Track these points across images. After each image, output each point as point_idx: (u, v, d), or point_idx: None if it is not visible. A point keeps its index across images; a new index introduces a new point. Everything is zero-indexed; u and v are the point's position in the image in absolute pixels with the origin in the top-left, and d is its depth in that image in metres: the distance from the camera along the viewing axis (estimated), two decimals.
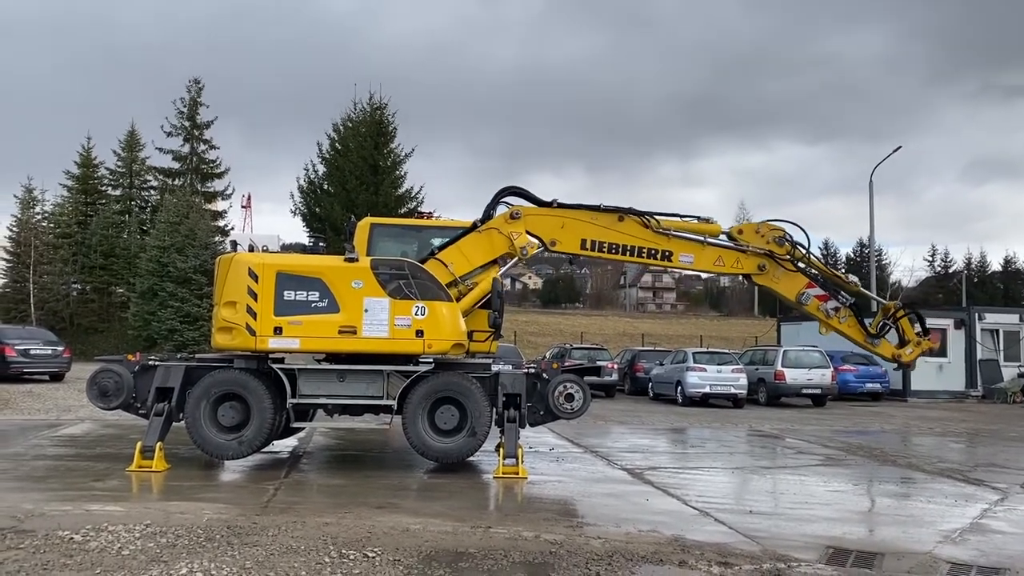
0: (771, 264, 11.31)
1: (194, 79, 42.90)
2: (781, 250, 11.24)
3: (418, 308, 9.81)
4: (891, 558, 6.55)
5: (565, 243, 11.04)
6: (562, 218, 11.03)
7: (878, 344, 11.63)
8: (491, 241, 10.85)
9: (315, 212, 37.81)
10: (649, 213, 11.13)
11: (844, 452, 13.28)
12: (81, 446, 11.88)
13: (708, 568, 6.08)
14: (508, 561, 6.10)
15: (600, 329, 54.21)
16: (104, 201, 43.58)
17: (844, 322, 11.48)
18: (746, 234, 11.34)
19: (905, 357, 11.75)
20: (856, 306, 11.62)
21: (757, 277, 11.43)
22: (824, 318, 11.45)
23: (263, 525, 6.97)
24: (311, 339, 9.79)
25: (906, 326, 11.76)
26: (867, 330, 11.57)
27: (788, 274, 11.40)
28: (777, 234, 11.32)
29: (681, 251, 11.20)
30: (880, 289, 49.64)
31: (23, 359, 22.65)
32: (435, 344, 9.84)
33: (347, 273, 9.88)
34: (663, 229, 11.09)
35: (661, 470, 10.94)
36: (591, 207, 11.08)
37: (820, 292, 11.43)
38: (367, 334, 9.78)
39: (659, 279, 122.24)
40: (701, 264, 11.37)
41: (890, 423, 18.96)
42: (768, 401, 23.78)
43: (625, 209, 11.10)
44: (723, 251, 11.36)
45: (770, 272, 11.35)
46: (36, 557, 5.87)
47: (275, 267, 9.87)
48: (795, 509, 8.75)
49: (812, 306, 11.39)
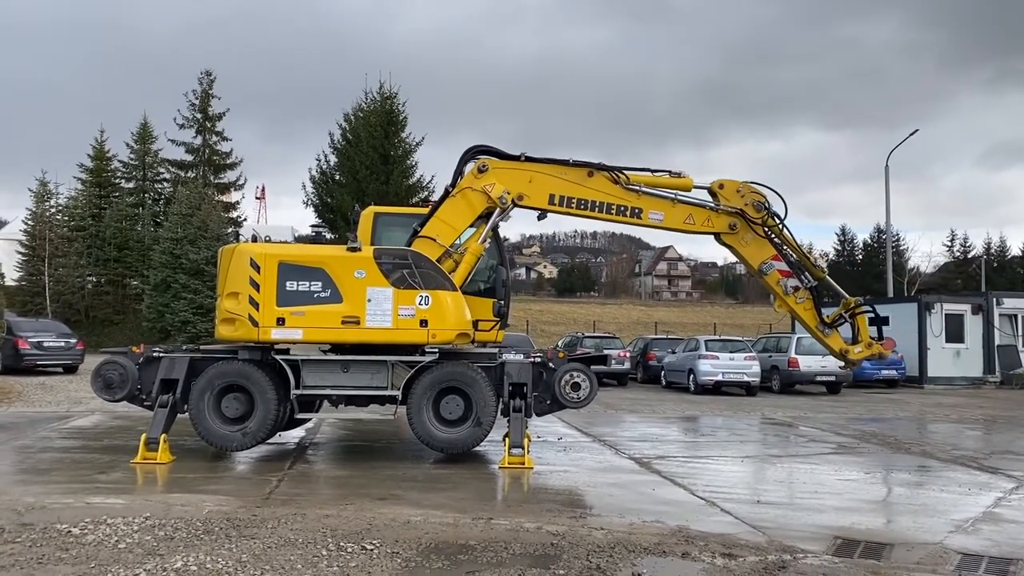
0: (742, 225, 11.05)
1: (205, 71, 42.92)
2: (756, 214, 11.00)
3: (422, 298, 9.71)
4: (900, 549, 6.41)
5: (533, 198, 10.83)
6: (530, 172, 10.85)
7: (829, 334, 11.37)
8: (468, 201, 10.68)
9: (327, 203, 37.79)
10: (619, 168, 10.91)
11: (857, 440, 13.10)
12: (88, 438, 11.90)
13: (712, 559, 5.96)
14: (508, 553, 6.01)
15: (614, 318, 53.99)
16: (118, 194, 43.78)
17: (801, 303, 11.22)
18: (726, 190, 11.08)
19: (852, 355, 11.47)
20: (817, 291, 11.36)
21: (726, 236, 11.15)
22: (782, 293, 11.20)
23: (263, 517, 6.92)
24: (314, 329, 9.72)
25: (862, 325, 11.50)
26: (822, 317, 11.30)
27: (757, 240, 11.14)
28: (757, 198, 11.07)
29: (651, 208, 10.97)
30: (897, 275, 49.10)
31: (36, 351, 22.76)
32: (439, 334, 9.74)
33: (350, 263, 9.80)
34: (633, 186, 10.86)
35: (669, 459, 10.82)
36: (560, 161, 10.90)
37: (784, 267, 11.17)
38: (370, 324, 9.68)
39: (674, 267, 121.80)
40: (671, 222, 11.09)
41: (905, 410, 18.74)
42: (782, 389, 23.58)
43: (595, 164, 10.88)
44: (693, 209, 11.10)
45: (740, 234, 11.09)
46: (32, 551, 5.83)
47: (277, 257, 9.81)
48: (804, 498, 8.62)
49: (772, 278, 11.15)
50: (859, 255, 78.15)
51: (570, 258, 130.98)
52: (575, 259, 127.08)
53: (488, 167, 10.73)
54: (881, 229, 64.29)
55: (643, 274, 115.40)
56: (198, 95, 42.71)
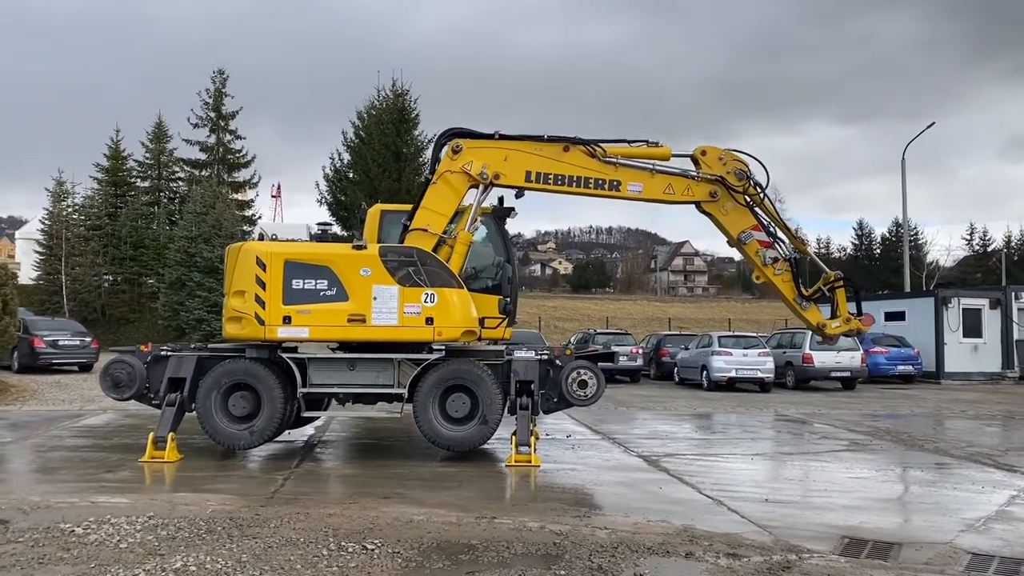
0: (723, 193, 10.85)
1: (218, 70, 43.11)
2: (738, 183, 10.80)
3: (427, 295, 9.67)
4: (909, 548, 6.31)
5: (509, 176, 10.70)
6: (505, 150, 10.71)
7: (807, 308, 11.14)
8: (450, 184, 10.58)
9: (340, 201, 37.87)
10: (595, 141, 10.75)
11: (870, 437, 12.95)
12: (99, 436, 11.95)
13: (715, 560, 5.89)
14: (510, 553, 5.96)
15: (628, 314, 53.81)
16: (133, 193, 44.08)
17: (779, 275, 11.01)
18: (708, 157, 10.89)
19: (829, 330, 11.24)
20: (796, 264, 11.21)
21: (706, 205, 10.95)
22: (760, 264, 11.01)
23: (266, 517, 6.90)
24: (320, 328, 9.70)
25: (841, 300, 11.25)
26: (800, 290, 11.09)
27: (738, 209, 10.94)
28: (739, 167, 10.86)
29: (629, 180, 10.79)
30: (916, 269, 48.65)
31: (52, 350, 22.94)
32: (445, 331, 9.69)
33: (355, 261, 9.76)
34: (610, 158, 10.70)
35: (678, 457, 10.73)
36: (535, 137, 10.76)
37: (764, 238, 10.99)
38: (376, 322, 9.65)
39: (691, 262, 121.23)
40: (650, 193, 10.90)
41: (921, 406, 18.53)
42: (796, 385, 23.39)
43: (570, 138, 10.73)
44: (673, 178, 10.90)
45: (721, 202, 10.89)
46: (34, 551, 5.84)
47: (283, 256, 9.79)
48: (813, 497, 8.52)
49: (751, 248, 10.96)
50: (877, 249, 77.60)
51: (585, 254, 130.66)
52: (590, 255, 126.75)
53: (462, 147, 10.63)
54: (899, 223, 63.67)
55: (659, 270, 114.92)
56: (211, 94, 42.91)
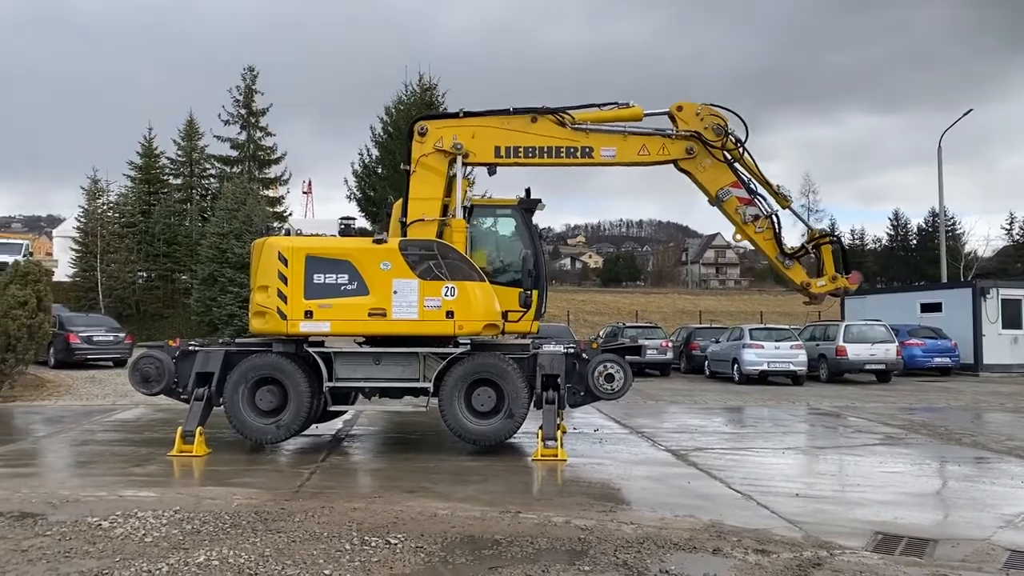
0: (700, 149, 10.62)
1: (248, 67, 43.27)
2: (715, 138, 10.56)
3: (448, 289, 9.62)
4: (944, 545, 6.13)
5: (478, 153, 10.63)
6: (472, 127, 10.64)
7: (790, 266, 10.88)
8: (428, 168, 10.56)
9: (369, 196, 37.94)
10: (563, 109, 10.60)
11: (906, 431, 12.67)
12: (130, 431, 12.09)
13: (744, 556, 5.76)
14: (534, 548, 5.89)
15: (659, 307, 53.40)
16: (166, 190, 44.51)
17: (760, 232, 10.76)
18: (685, 112, 10.68)
19: (814, 288, 10.91)
20: (778, 220, 10.85)
21: (684, 162, 10.72)
22: (740, 222, 10.75)
23: (290, 511, 6.90)
24: (341, 322, 9.71)
25: (827, 257, 10.91)
26: (782, 248, 10.80)
27: (716, 165, 10.70)
28: (717, 121, 10.62)
29: (602, 145, 10.65)
30: (953, 259, 47.73)
31: (87, 346, 23.26)
32: (466, 325, 9.63)
33: (376, 255, 9.75)
34: (580, 124, 10.57)
35: (707, 451, 10.58)
36: (501, 111, 10.70)
37: (743, 194, 10.72)
38: (397, 316, 9.62)
39: (722, 255, 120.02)
40: (625, 156, 10.71)
41: (958, 399, 18.12)
42: (829, 378, 23.04)
43: (537, 108, 10.61)
44: (647, 139, 10.71)
45: (698, 159, 10.66)
46: (60, 544, 5.88)
47: (304, 250, 9.81)
48: (845, 492, 8.34)
49: (730, 205, 10.69)
50: (913, 240, 76.29)
51: (616, 247, 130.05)
52: (620, 248, 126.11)
53: (427, 128, 10.65)
54: (935, 213, 62.53)
55: (690, 262, 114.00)
56: (242, 91, 43.17)
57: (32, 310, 15.84)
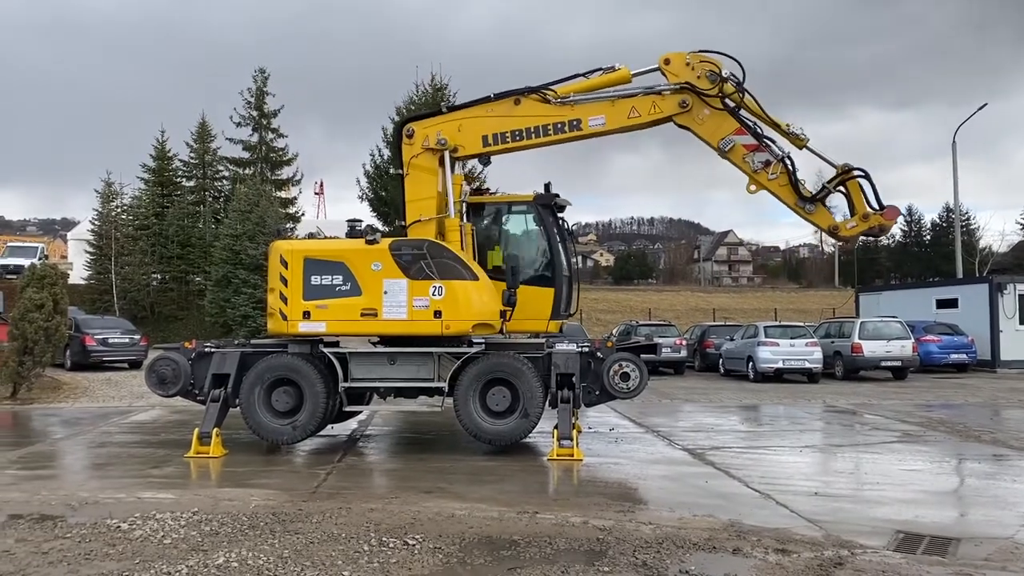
0: (694, 100, 9.99)
1: (259, 69, 43.40)
2: (708, 86, 9.91)
3: (435, 288, 9.66)
4: (967, 544, 6.07)
5: (467, 145, 10.56)
6: (457, 120, 10.60)
7: (812, 211, 9.99)
8: (420, 168, 10.55)
9: (381, 196, 37.98)
10: (546, 85, 10.39)
11: (924, 428, 12.57)
12: (146, 432, 12.14)
13: (764, 555, 5.72)
14: (552, 549, 5.87)
15: (671, 305, 53.26)
16: (179, 192, 44.73)
17: (774, 179, 9.90)
18: (674, 64, 10.09)
19: (844, 231, 10.03)
20: (792, 162, 9.98)
21: (680, 118, 10.13)
22: (750, 171, 9.98)
23: (308, 512, 6.90)
24: (336, 322, 9.87)
25: (855, 194, 9.92)
26: (800, 192, 9.93)
27: (715, 115, 10.01)
28: (708, 67, 9.94)
29: (590, 115, 10.29)
30: (968, 255, 47.33)
31: (102, 348, 23.42)
32: (453, 325, 9.65)
33: (367, 256, 9.85)
34: (564, 98, 10.31)
35: (724, 450, 10.53)
36: (482, 100, 10.59)
37: (749, 141, 9.94)
38: (387, 316, 9.72)
39: (734, 252, 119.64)
40: (615, 122, 10.26)
41: (976, 396, 17.96)
42: (845, 375, 22.87)
43: (518, 90, 10.43)
44: (635, 100, 10.21)
45: (694, 111, 10.02)
46: (80, 546, 5.90)
47: (303, 253, 10.01)
48: (865, 490, 8.27)
49: (736, 155, 9.97)
50: (927, 236, 75.75)
51: (627, 245, 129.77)
52: (632, 246, 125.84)
53: (414, 129, 10.63)
54: (950, 208, 62.10)
55: (702, 260, 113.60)
56: (253, 93, 43.31)
57: (48, 313, 15.94)
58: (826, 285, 73.04)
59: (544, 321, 10.56)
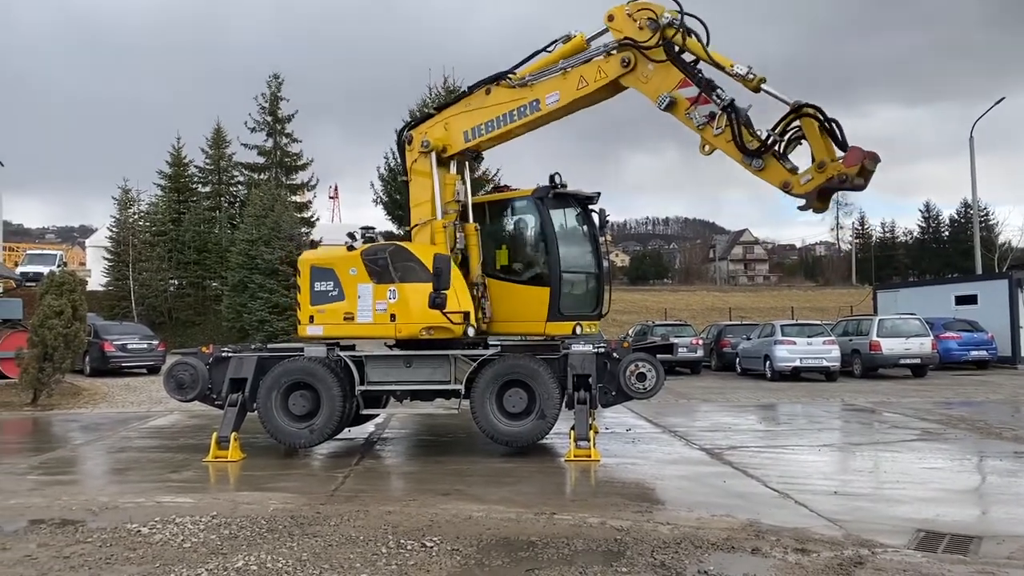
0: (636, 57, 9.06)
1: (273, 75, 43.64)
2: (648, 36, 8.92)
3: (391, 292, 9.84)
4: (989, 542, 6.02)
5: (453, 143, 10.59)
6: (443, 120, 10.70)
7: (761, 166, 8.43)
8: (420, 173, 10.66)
9: (395, 200, 38.07)
10: (512, 68, 10.14)
11: (944, 426, 12.45)
12: (165, 437, 12.21)
13: (783, 555, 5.69)
14: (570, 550, 5.86)
15: (687, 305, 53.09)
16: (195, 198, 45.01)
17: (719, 134, 8.57)
18: (617, 20, 9.27)
19: (797, 187, 8.25)
20: (735, 109, 8.53)
21: (626, 79, 9.24)
22: (695, 128, 8.77)
23: (326, 515, 6.93)
24: (328, 326, 10.27)
25: (812, 138, 8.22)
26: (743, 144, 8.44)
27: (658, 69, 8.92)
28: (647, 15, 8.96)
29: (546, 93, 9.84)
30: (987, 250, 46.90)
31: (121, 354, 23.61)
32: (404, 328, 9.82)
33: (347, 262, 10.19)
34: (522, 80, 10.04)
35: (742, 449, 10.48)
36: (462, 94, 10.74)
37: (692, 92, 8.71)
38: (360, 320, 10.04)
39: (750, 250, 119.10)
40: (567, 95, 9.66)
41: (997, 393, 17.79)
42: (863, 373, 22.71)
43: (488, 79, 10.33)
44: (583, 68, 9.55)
45: (638, 69, 9.07)
46: (102, 551, 5.95)
47: (309, 261, 10.49)
48: (885, 489, 8.21)
49: (679, 111, 8.83)
50: (945, 232, 75.22)
51: (642, 245, 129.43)
52: (647, 246, 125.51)
53: (412, 136, 10.77)
54: (968, 204, 61.58)
55: (718, 259, 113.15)
56: (268, 98, 43.56)
57: (68, 319, 16.07)
58: (843, 283, 72.59)
59: (540, 323, 10.13)
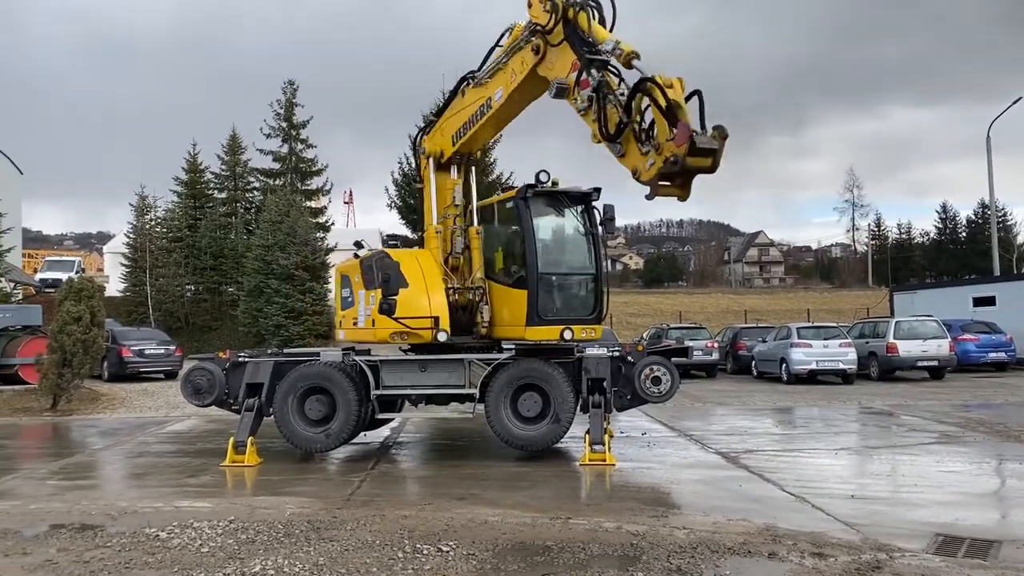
0: (543, 43, 8.59)
1: (288, 80, 43.90)
2: (548, 19, 8.40)
3: (372, 298, 10.24)
4: (1009, 546, 5.97)
5: (446, 148, 10.88)
6: (441, 125, 11.04)
7: (620, 151, 7.74)
8: (426, 179, 11.05)
9: (409, 204, 38.19)
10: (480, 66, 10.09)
11: (962, 428, 12.36)
12: (183, 442, 12.30)
13: (800, 560, 5.67)
14: (585, 555, 5.86)
15: (702, 307, 52.91)
16: (211, 204, 45.27)
17: (591, 117, 7.99)
18: (533, 7, 8.74)
19: (643, 173, 7.48)
20: (605, 89, 7.79)
21: (541, 68, 8.73)
22: (577, 111, 8.13)
23: (342, 519, 6.96)
24: (347, 330, 11.02)
25: (656, 118, 7.40)
26: (604, 128, 7.77)
27: (559, 51, 8.39)
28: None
29: (494, 91, 9.70)
30: (1005, 251, 46.53)
31: (139, 359, 23.77)
32: (379, 333, 10.16)
33: (353, 270, 10.85)
34: (481, 81, 10.04)
35: (758, 453, 10.43)
36: (448, 98, 11.01)
37: (582, 76, 7.99)
38: (358, 325, 10.65)
39: (766, 252, 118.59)
40: (506, 91, 9.38)
41: (1016, 395, 17.62)
42: (880, 376, 22.55)
43: (461, 79, 10.53)
44: (512, 60, 9.23)
45: (547, 56, 8.59)
46: (121, 555, 6.00)
47: (338, 270, 11.31)
48: (903, 493, 8.15)
49: (569, 98, 8.20)
50: (962, 233, 74.60)
51: (656, 248, 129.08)
52: (661, 249, 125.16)
53: (423, 147, 11.18)
54: (985, 205, 61.04)
55: (733, 261, 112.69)
56: (283, 104, 43.82)
57: (86, 325, 16.21)
58: (859, 285, 72.11)
59: (520, 327, 9.78)
